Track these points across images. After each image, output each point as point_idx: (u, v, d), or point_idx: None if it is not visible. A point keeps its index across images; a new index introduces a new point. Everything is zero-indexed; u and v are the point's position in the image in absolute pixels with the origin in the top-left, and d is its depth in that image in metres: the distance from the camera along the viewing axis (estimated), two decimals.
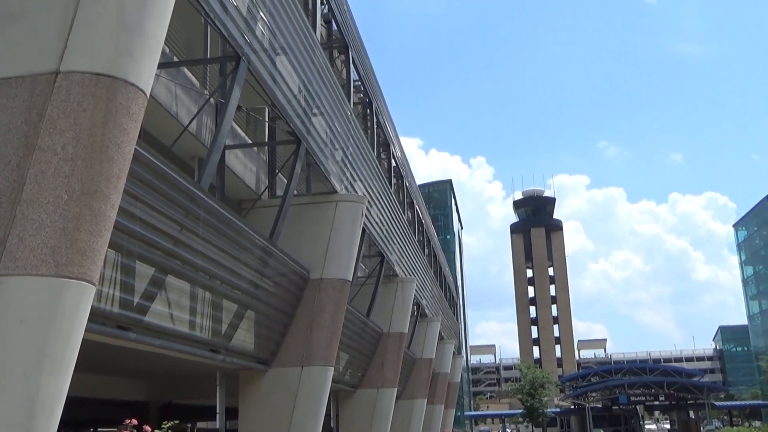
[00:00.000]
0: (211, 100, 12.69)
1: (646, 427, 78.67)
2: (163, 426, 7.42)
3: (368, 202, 18.54)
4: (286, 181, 14.57)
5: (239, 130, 14.54)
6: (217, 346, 11.63)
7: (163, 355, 10.73)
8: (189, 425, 29.85)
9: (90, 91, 6.23)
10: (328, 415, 20.50)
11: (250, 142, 15.29)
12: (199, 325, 10.76)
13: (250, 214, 14.47)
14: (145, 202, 8.40)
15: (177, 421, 7.68)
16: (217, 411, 14.30)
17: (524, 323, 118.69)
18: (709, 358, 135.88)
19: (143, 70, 6.76)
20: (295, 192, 14.83)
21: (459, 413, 61.89)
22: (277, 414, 14.12)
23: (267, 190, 15.29)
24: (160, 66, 9.98)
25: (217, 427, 14.51)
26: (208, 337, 11.14)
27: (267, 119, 15.09)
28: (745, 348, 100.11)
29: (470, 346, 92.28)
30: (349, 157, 17.93)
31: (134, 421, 7.21)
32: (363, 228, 17.48)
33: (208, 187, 10.37)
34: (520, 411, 59.32)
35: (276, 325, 14.20)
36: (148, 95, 6.93)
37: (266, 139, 15.78)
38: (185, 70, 12.36)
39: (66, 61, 6.21)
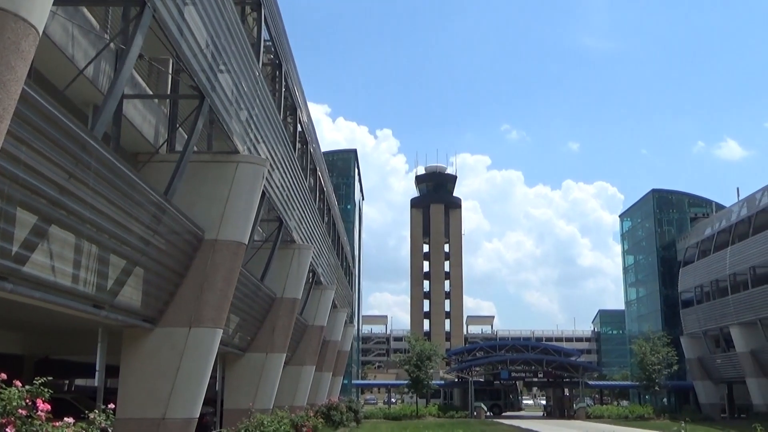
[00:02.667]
0: (111, 45, 12.09)
1: (524, 401, 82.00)
2: (35, 382, 7.04)
3: (270, 165, 18.26)
4: (186, 136, 14.13)
5: (140, 80, 13.95)
6: (100, 301, 11.22)
7: (41, 308, 10.27)
8: (66, 382, 28.94)
9: None
10: (213, 377, 20.26)
11: (150, 93, 14.71)
12: (82, 279, 10.34)
13: (146, 168, 13.96)
14: (30, 146, 7.93)
15: (51, 378, 7.28)
16: (97, 368, 13.87)
17: (417, 296, 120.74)
18: (588, 340, 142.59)
19: (36, 5, 6.34)
20: (195, 149, 14.41)
21: (347, 381, 62.54)
22: (161, 374, 13.82)
23: (166, 144, 14.77)
24: (57, 3, 9.42)
25: (96, 384, 14.06)
26: (91, 291, 10.72)
27: (170, 71, 14.54)
28: (620, 331, 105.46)
29: (363, 316, 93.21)
30: (254, 118, 17.57)
31: (2, 376, 6.80)
32: (263, 191, 17.22)
33: (101, 135, 9.91)
34: (406, 382, 60.40)
35: (165, 284, 13.85)
36: (41, 33, 6.52)
37: (168, 92, 15.22)
38: (85, 10, 11.67)
39: None
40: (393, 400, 76.84)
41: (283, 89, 22.52)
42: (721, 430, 10.58)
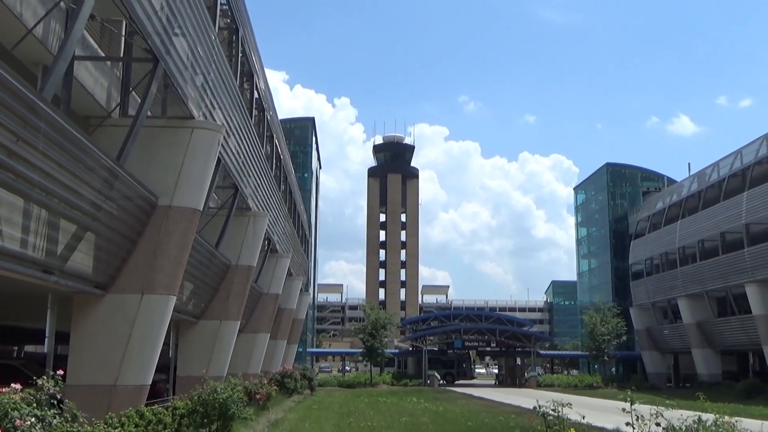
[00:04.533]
0: (62, 4, 11.73)
1: (476, 370, 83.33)
2: None
3: (226, 131, 18.05)
4: (139, 101, 13.86)
5: (92, 41, 13.60)
6: (50, 267, 11.03)
7: None
8: (15, 348, 28.47)
9: None
10: (166, 344, 20.15)
11: (103, 55, 14.36)
12: (31, 243, 10.14)
13: (98, 132, 13.69)
14: None
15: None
16: (47, 335, 13.65)
17: (373, 266, 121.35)
18: (540, 310, 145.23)
19: None
20: (149, 113, 14.16)
21: (301, 349, 62.77)
22: (112, 341, 13.70)
23: (118, 108, 14.47)
24: None
25: (46, 351, 13.86)
26: (40, 257, 10.53)
27: (123, 33, 14.20)
28: (572, 302, 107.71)
29: (318, 285, 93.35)
30: (210, 83, 17.29)
31: None
32: (218, 158, 17.03)
33: (51, 97, 9.67)
34: (360, 350, 60.83)
35: (117, 250, 13.66)
36: None
37: (121, 55, 14.87)
38: None
39: None
40: (347, 368, 77.40)
41: (240, 55, 22.17)
42: (665, 399, 10.94)
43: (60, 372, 8.04)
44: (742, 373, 53.25)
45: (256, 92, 25.42)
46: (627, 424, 9.03)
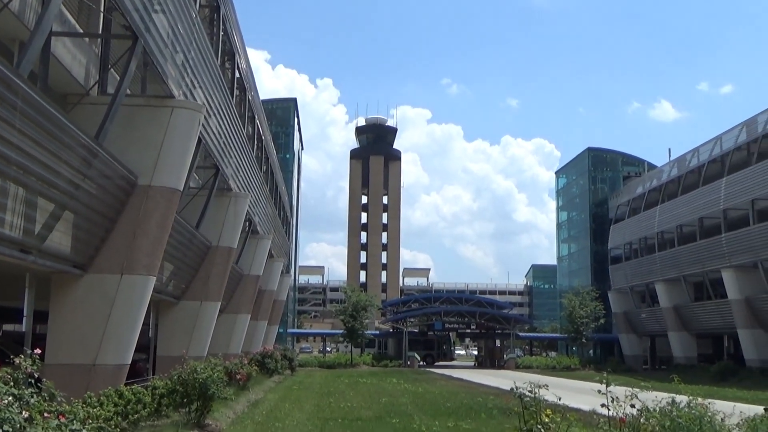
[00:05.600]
0: None
1: (456, 352, 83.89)
2: None
3: (207, 111, 17.92)
4: (118, 78, 13.71)
5: (70, 17, 13.41)
6: (28, 246, 10.94)
7: None
8: None
9: None
10: (146, 324, 20.10)
11: (81, 31, 14.16)
12: (8, 222, 10.05)
13: (76, 110, 13.53)
14: None
15: None
16: (25, 314, 13.58)
17: (354, 248, 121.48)
18: (520, 293, 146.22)
19: None
20: (128, 92, 14.02)
21: (282, 330, 62.81)
22: (91, 321, 13.64)
23: (97, 86, 14.31)
24: None
25: (24, 330, 13.78)
26: (18, 235, 10.44)
27: (102, 9, 14.02)
28: (552, 286, 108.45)
29: (299, 266, 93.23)
30: (191, 62, 17.13)
31: None
32: (199, 138, 16.92)
33: (28, 74, 9.54)
34: (341, 331, 61.01)
35: (96, 230, 13.57)
36: None
37: (100, 31, 14.68)
38: None
39: None
40: (328, 349, 77.63)
41: (221, 33, 21.97)
42: (641, 381, 11.12)
43: (38, 351, 7.99)
44: (716, 355, 54.03)
45: (237, 72, 25.23)
46: (602, 405, 9.14)
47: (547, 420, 7.50)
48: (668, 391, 9.75)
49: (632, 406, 9.03)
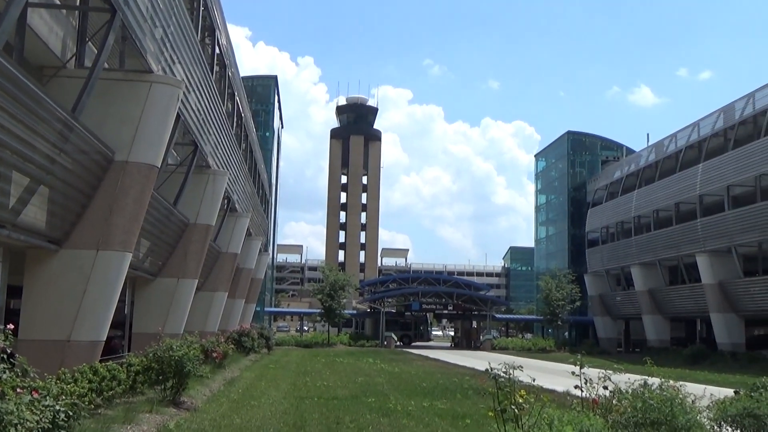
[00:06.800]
0: None
1: (433, 332, 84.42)
2: None
3: (186, 87, 17.74)
4: (96, 52, 13.50)
5: None
6: (2, 220, 10.81)
7: None
8: None
9: None
10: (122, 301, 19.98)
11: (58, 2, 13.91)
12: None
13: (52, 83, 13.33)
14: None
15: None
16: None
17: (333, 227, 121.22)
18: (498, 275, 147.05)
19: None
20: (106, 66, 13.82)
21: (259, 308, 62.71)
22: (66, 296, 13.55)
23: (74, 59, 14.09)
24: None
25: None
26: None
27: None
28: (529, 268, 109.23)
29: (278, 245, 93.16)
30: (170, 36, 16.91)
31: None
32: (178, 114, 16.75)
33: (3, 45, 9.37)
34: (319, 310, 61.08)
35: (72, 205, 13.43)
36: None
37: (77, 3, 14.43)
38: None
39: None
40: (305, 328, 77.78)
41: (202, 8, 21.71)
42: (614, 363, 11.27)
43: (11, 326, 7.91)
44: (689, 339, 54.80)
45: (217, 48, 24.98)
46: (576, 386, 9.25)
47: (521, 401, 7.57)
48: (641, 373, 9.88)
49: (605, 387, 9.16)
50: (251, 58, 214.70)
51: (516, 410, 7.53)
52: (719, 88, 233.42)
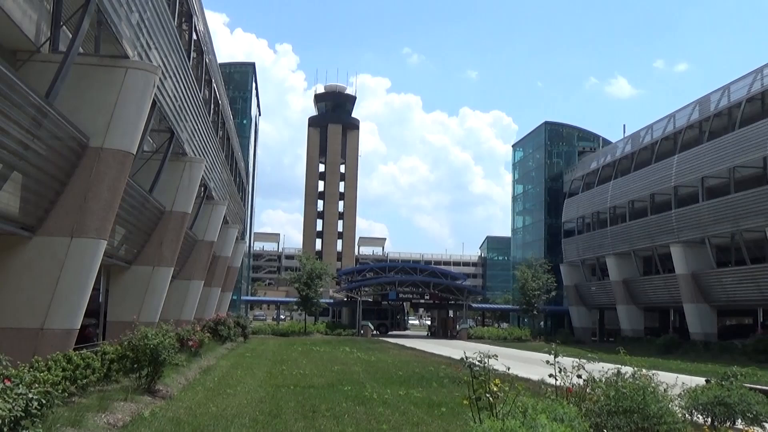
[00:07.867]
0: None
1: (410, 322, 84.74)
2: None
3: (162, 73, 17.57)
4: (71, 36, 13.32)
5: None
6: None
7: None
8: None
9: None
10: (97, 289, 19.82)
11: None
12: None
13: (26, 67, 13.14)
14: None
15: None
16: None
17: (310, 216, 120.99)
18: (474, 264, 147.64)
19: None
20: (81, 50, 13.64)
21: (236, 297, 62.52)
22: (40, 284, 13.41)
23: (48, 43, 13.88)
24: None
25: None
26: None
27: None
28: (506, 258, 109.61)
29: (255, 233, 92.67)
30: (146, 22, 16.72)
31: None
32: (154, 100, 16.59)
33: None
34: (295, 299, 61.02)
35: (45, 191, 13.28)
36: None
37: None
38: None
39: None
40: (282, 317, 77.67)
41: None
42: (588, 352, 11.44)
43: None
44: (662, 328, 55.54)
45: (194, 34, 24.74)
46: (550, 375, 9.33)
47: (495, 389, 7.61)
48: (615, 362, 10.00)
49: (579, 376, 9.25)
50: (229, 44, 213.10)
51: (491, 398, 7.57)
52: (695, 80, 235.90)
